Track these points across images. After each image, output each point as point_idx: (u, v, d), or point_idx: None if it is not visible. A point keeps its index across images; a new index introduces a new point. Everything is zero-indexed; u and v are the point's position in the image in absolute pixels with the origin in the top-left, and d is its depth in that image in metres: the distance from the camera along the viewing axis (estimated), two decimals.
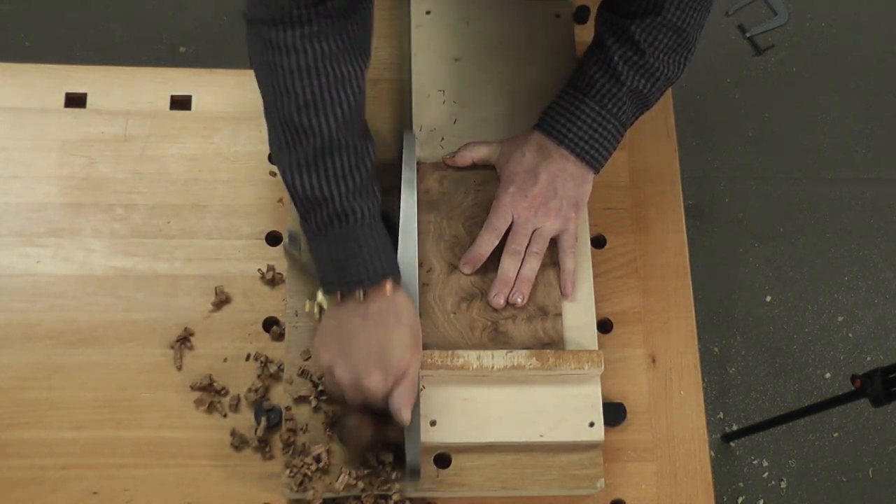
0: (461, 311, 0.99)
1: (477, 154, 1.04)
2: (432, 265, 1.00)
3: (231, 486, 0.99)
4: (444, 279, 1.00)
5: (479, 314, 0.99)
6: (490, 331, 0.98)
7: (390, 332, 0.89)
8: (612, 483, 1.01)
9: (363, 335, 0.89)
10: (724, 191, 2.22)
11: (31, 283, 1.05)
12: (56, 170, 1.10)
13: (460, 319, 0.98)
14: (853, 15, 2.42)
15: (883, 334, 2.12)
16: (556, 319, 0.99)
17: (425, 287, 0.99)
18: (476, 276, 1.00)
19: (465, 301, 0.99)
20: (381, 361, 0.89)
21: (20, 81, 1.13)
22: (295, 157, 0.90)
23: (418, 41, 1.11)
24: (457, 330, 0.98)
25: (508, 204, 0.98)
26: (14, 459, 0.98)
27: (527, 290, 0.99)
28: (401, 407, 0.90)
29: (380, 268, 0.90)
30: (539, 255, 0.99)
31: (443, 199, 1.03)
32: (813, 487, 1.99)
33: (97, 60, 1.21)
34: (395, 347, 0.89)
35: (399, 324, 0.90)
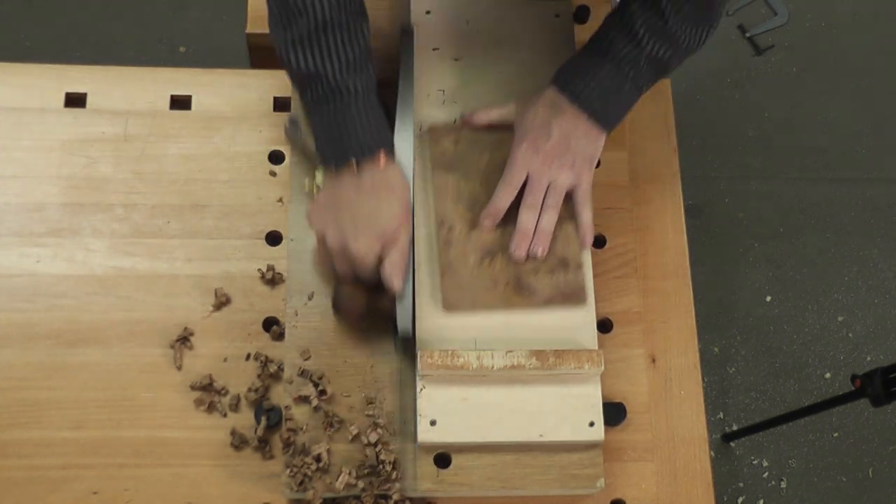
0: (484, 267, 1.00)
1: (493, 115, 1.05)
2: (452, 224, 1.02)
3: (231, 486, 0.99)
4: (464, 237, 1.01)
5: (502, 269, 1.00)
6: (513, 284, 1.00)
7: (381, 201, 0.94)
8: (612, 483, 1.01)
9: (355, 204, 0.94)
10: (724, 191, 2.22)
11: (31, 283, 1.05)
12: (56, 170, 1.10)
13: (484, 275, 1.00)
14: (853, 15, 2.42)
15: (883, 334, 2.12)
16: (577, 271, 1.01)
17: (447, 245, 1.01)
18: (496, 232, 1.02)
19: (487, 257, 1.01)
20: (368, 226, 0.93)
21: (20, 81, 1.13)
22: (290, 35, 0.93)
23: (418, 41, 1.11)
24: (481, 285, 1.00)
25: (523, 159, 0.99)
26: (14, 459, 0.98)
27: (546, 242, 1.00)
28: (392, 274, 0.94)
29: (373, 141, 0.94)
30: (555, 207, 1.00)
31: (459, 160, 1.05)
32: (813, 487, 1.99)
33: (97, 60, 1.21)
34: (383, 214, 0.94)
35: (390, 194, 0.95)
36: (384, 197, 0.94)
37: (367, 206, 0.94)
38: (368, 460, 0.96)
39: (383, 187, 0.95)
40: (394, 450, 0.97)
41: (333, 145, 0.95)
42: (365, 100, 0.95)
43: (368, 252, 0.94)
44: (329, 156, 0.96)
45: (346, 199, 0.95)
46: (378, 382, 1.00)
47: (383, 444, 0.97)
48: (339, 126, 0.94)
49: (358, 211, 0.94)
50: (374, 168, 0.95)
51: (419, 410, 0.95)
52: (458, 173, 1.04)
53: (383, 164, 0.95)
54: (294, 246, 1.05)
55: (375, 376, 1.00)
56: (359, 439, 0.97)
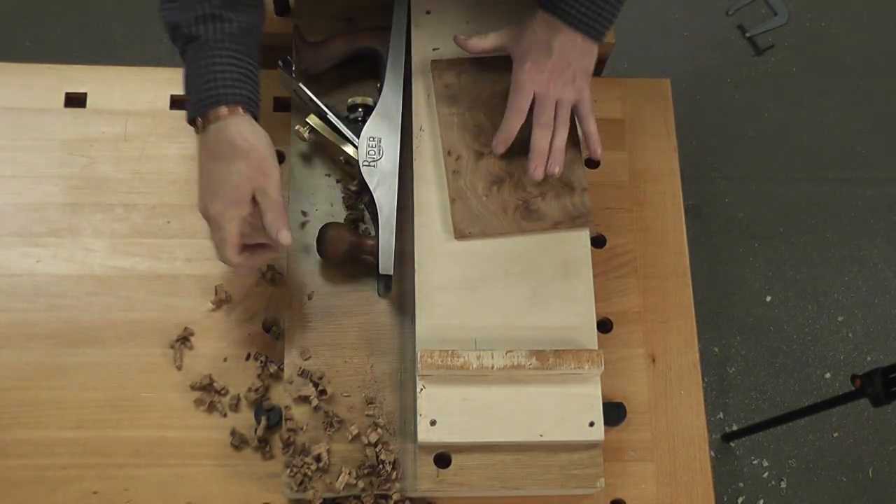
0: (493, 194, 1.03)
1: (487, 42, 1.04)
2: (460, 153, 1.04)
3: (231, 486, 0.99)
4: (472, 166, 1.04)
5: (510, 195, 1.03)
6: (522, 209, 1.02)
7: (226, 162, 0.89)
8: (612, 483, 1.01)
9: (205, 168, 0.91)
10: (724, 191, 2.22)
11: (31, 283, 1.05)
12: (56, 170, 1.10)
13: (493, 202, 1.02)
14: (853, 15, 2.42)
15: (883, 334, 2.12)
16: (584, 194, 1.03)
17: (456, 174, 1.03)
18: (503, 159, 1.04)
19: (495, 184, 1.03)
20: (219, 190, 0.89)
21: (20, 81, 1.13)
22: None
23: (418, 41, 1.11)
24: (490, 211, 1.02)
25: (529, 80, 0.99)
26: (14, 459, 0.98)
27: (562, 161, 1.00)
28: (276, 229, 0.89)
29: (213, 95, 0.89)
30: (566, 125, 1.01)
31: (462, 93, 1.07)
32: (813, 487, 1.99)
33: (97, 60, 1.21)
34: (231, 176, 0.88)
35: (234, 152, 0.89)
36: (228, 157, 0.89)
37: (215, 169, 0.89)
38: (368, 460, 0.96)
39: (227, 147, 0.89)
40: (394, 450, 0.97)
41: (192, 101, 0.91)
42: (213, 49, 0.90)
43: (224, 215, 0.89)
44: (189, 110, 0.92)
45: (200, 162, 0.91)
46: (378, 382, 1.00)
47: (383, 444, 0.97)
48: (193, 80, 0.91)
49: (208, 175, 0.90)
50: (219, 126, 0.89)
51: (419, 410, 0.95)
52: (462, 104, 1.06)
53: (224, 118, 0.89)
54: (294, 246, 1.05)
55: (375, 376, 1.00)
56: (359, 439, 0.97)
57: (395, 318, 1.03)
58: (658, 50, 2.31)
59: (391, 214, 1.01)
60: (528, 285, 1.01)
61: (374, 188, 1.02)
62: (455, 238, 1.01)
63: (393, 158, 1.03)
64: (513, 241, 1.03)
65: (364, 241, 1.02)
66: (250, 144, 0.89)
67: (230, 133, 0.89)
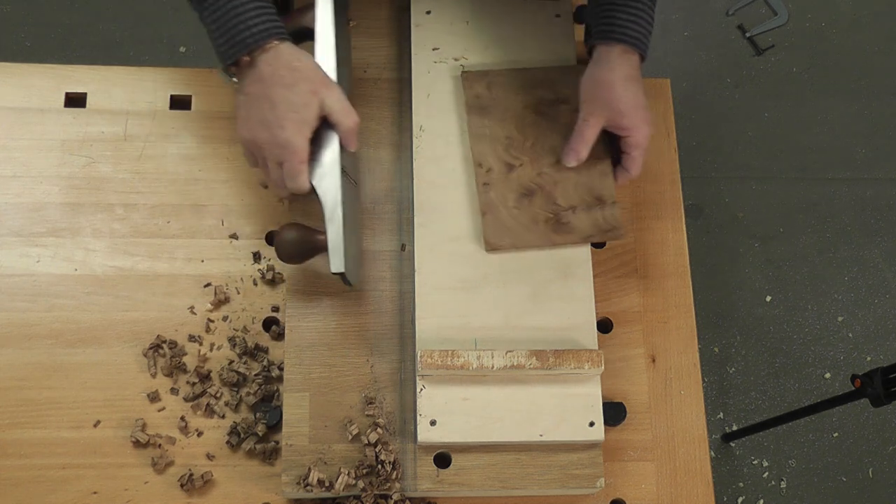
0: (523, 207, 1.03)
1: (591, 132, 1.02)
2: (490, 165, 1.04)
3: (231, 486, 0.99)
4: (503, 178, 1.04)
5: (541, 208, 1.03)
6: (553, 222, 1.02)
7: (289, 84, 0.93)
8: (612, 483, 1.01)
9: (265, 96, 0.93)
10: (724, 191, 2.22)
11: (31, 283, 1.05)
12: (56, 169, 1.10)
13: (523, 214, 1.03)
14: (853, 15, 2.42)
15: (883, 334, 2.12)
16: (614, 207, 1.04)
17: (486, 186, 1.03)
18: (532, 171, 1.04)
19: (525, 197, 1.03)
20: (289, 112, 0.93)
21: (20, 81, 1.13)
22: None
23: (418, 41, 1.11)
24: (521, 224, 1.02)
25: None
26: (14, 459, 0.98)
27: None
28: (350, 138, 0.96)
29: (258, 29, 0.92)
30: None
31: (493, 104, 1.07)
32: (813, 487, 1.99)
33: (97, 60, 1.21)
34: (297, 95, 0.93)
35: (294, 73, 0.93)
36: (289, 80, 0.93)
37: (279, 93, 0.93)
38: (368, 460, 0.96)
39: (286, 71, 0.93)
40: (394, 450, 0.97)
41: (224, 42, 0.93)
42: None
43: (297, 136, 0.93)
44: (224, 53, 0.94)
45: (256, 94, 0.94)
46: (378, 382, 1.00)
47: (383, 444, 0.97)
48: (227, 17, 0.93)
49: (272, 100, 0.93)
50: (270, 55, 0.93)
51: (419, 410, 0.95)
52: (493, 116, 1.07)
53: (275, 48, 0.93)
54: None
55: (375, 376, 1.00)
56: (359, 439, 0.97)
57: (395, 318, 1.03)
58: (658, 50, 2.31)
59: (335, 207, 0.96)
60: (528, 285, 1.01)
61: (317, 182, 0.97)
62: (487, 251, 1.01)
63: (333, 148, 0.98)
64: None
65: (315, 237, 0.98)
66: (305, 65, 0.94)
67: (285, 59, 0.93)
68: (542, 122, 1.06)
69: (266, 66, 0.93)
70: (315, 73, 0.95)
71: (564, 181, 1.04)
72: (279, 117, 0.93)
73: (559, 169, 1.04)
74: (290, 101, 0.93)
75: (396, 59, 1.14)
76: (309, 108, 0.93)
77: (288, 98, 0.93)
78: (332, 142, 0.98)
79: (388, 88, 1.12)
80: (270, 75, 0.93)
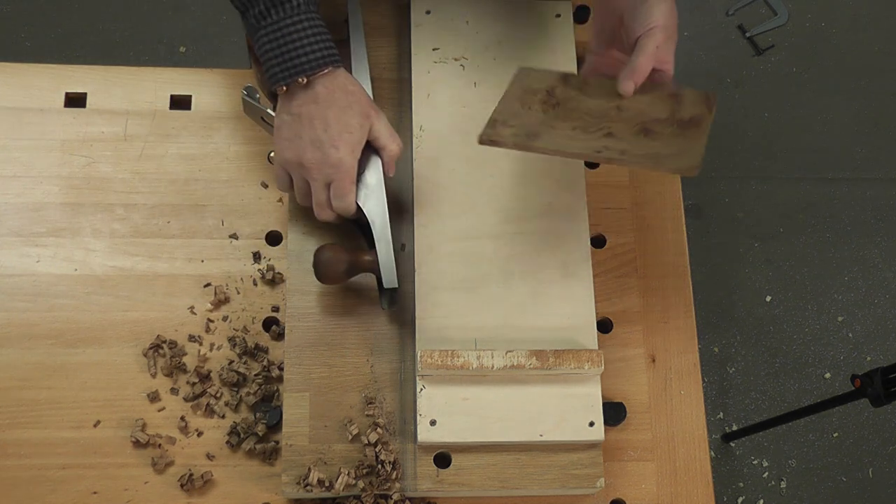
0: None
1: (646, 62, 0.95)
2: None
3: (231, 486, 0.99)
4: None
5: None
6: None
7: (344, 106, 0.95)
8: (612, 483, 1.01)
9: (319, 116, 0.94)
10: (724, 191, 2.22)
11: (31, 283, 1.05)
12: (56, 169, 1.10)
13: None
14: (853, 15, 2.42)
15: (883, 334, 2.12)
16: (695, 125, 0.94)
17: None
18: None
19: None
20: (343, 132, 0.94)
21: (20, 81, 1.13)
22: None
23: (418, 41, 1.11)
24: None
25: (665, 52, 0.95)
26: (14, 459, 0.98)
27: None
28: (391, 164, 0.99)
29: (321, 54, 0.94)
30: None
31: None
32: (813, 487, 1.99)
33: (97, 60, 1.21)
34: (353, 117, 0.95)
35: (349, 96, 0.95)
36: (343, 103, 0.95)
37: (334, 114, 0.95)
38: (368, 460, 0.96)
39: (341, 92, 0.95)
40: (394, 450, 0.97)
41: (282, 63, 0.94)
42: (307, 12, 0.94)
43: (349, 156, 0.95)
44: (277, 74, 0.95)
45: (308, 114, 0.95)
46: (378, 382, 1.00)
47: (383, 444, 0.97)
48: (285, 41, 0.93)
49: (327, 121, 0.94)
50: (327, 80, 0.95)
51: (419, 410, 0.95)
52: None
53: (333, 73, 0.95)
54: (294, 246, 1.05)
55: (375, 376, 1.00)
56: (359, 439, 0.97)
57: (395, 318, 1.03)
58: None
59: (385, 227, 0.98)
60: (528, 285, 1.01)
61: (363, 203, 0.99)
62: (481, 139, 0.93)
63: (377, 170, 1.00)
64: (513, 241, 1.03)
65: (361, 258, 0.99)
66: (358, 90, 0.97)
67: (341, 82, 0.95)
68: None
69: (322, 89, 0.94)
70: (366, 99, 0.97)
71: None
72: (333, 137, 0.94)
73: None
74: (344, 123, 0.95)
75: (396, 59, 1.14)
76: (361, 130, 0.96)
77: (343, 119, 0.95)
78: (376, 164, 1.00)
79: (388, 88, 1.12)
80: (326, 97, 0.94)
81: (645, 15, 0.94)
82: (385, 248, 0.98)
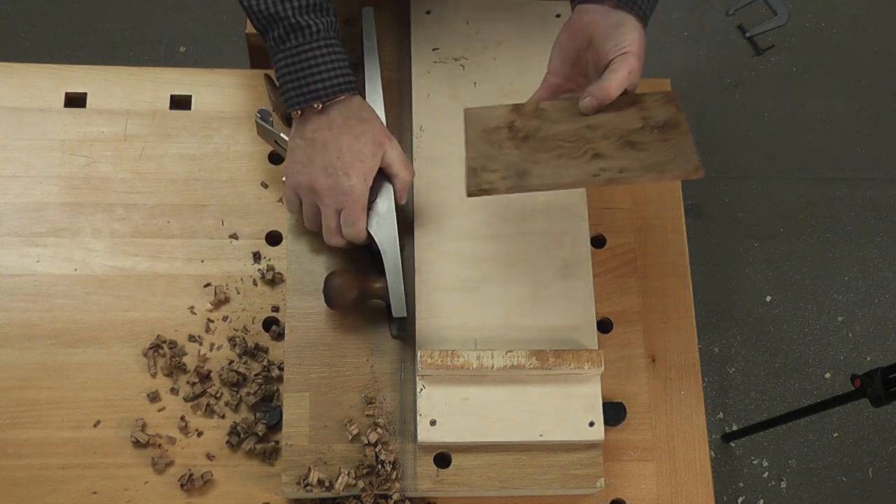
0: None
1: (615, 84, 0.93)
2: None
3: (231, 486, 0.99)
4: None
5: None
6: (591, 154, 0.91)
7: (358, 134, 0.95)
8: (612, 483, 1.01)
9: (333, 142, 0.95)
10: (724, 191, 2.22)
11: (31, 283, 1.05)
12: (56, 169, 1.10)
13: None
14: (853, 15, 2.42)
15: (883, 334, 2.12)
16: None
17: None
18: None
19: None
20: (355, 160, 0.95)
21: (20, 81, 1.13)
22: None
23: (418, 41, 1.11)
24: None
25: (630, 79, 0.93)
26: (14, 459, 0.98)
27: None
28: (405, 191, 1.00)
29: (337, 79, 0.94)
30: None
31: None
32: (813, 487, 1.99)
33: (97, 60, 1.21)
34: (366, 145, 0.95)
35: (363, 123, 0.96)
36: (357, 130, 0.95)
37: (347, 142, 0.95)
38: (368, 460, 0.96)
39: (355, 120, 0.95)
40: (394, 450, 0.97)
41: (298, 87, 0.94)
42: (326, 38, 0.94)
43: (361, 184, 0.95)
44: (292, 98, 0.95)
45: (322, 140, 0.95)
46: (378, 382, 1.00)
47: (383, 444, 0.97)
48: (302, 66, 0.94)
49: (340, 148, 0.95)
50: (343, 106, 0.95)
51: (419, 410, 0.95)
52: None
53: (349, 100, 0.95)
54: (294, 246, 1.05)
55: (375, 376, 1.00)
56: (359, 439, 0.97)
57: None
58: (658, 50, 2.31)
59: (395, 256, 0.98)
60: (528, 285, 1.01)
61: (375, 231, 0.99)
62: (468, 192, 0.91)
63: (389, 198, 1.00)
64: (513, 241, 1.03)
65: (372, 286, 0.99)
66: (373, 117, 0.97)
67: (356, 110, 0.96)
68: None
69: (337, 115, 0.95)
70: (380, 127, 0.97)
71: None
72: (345, 164, 0.94)
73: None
74: (357, 151, 0.95)
75: (396, 59, 1.14)
76: (374, 159, 0.96)
77: (356, 147, 0.95)
78: (388, 192, 1.00)
79: (388, 89, 1.12)
80: (341, 124, 0.95)
81: (619, 38, 0.92)
82: (395, 277, 0.98)
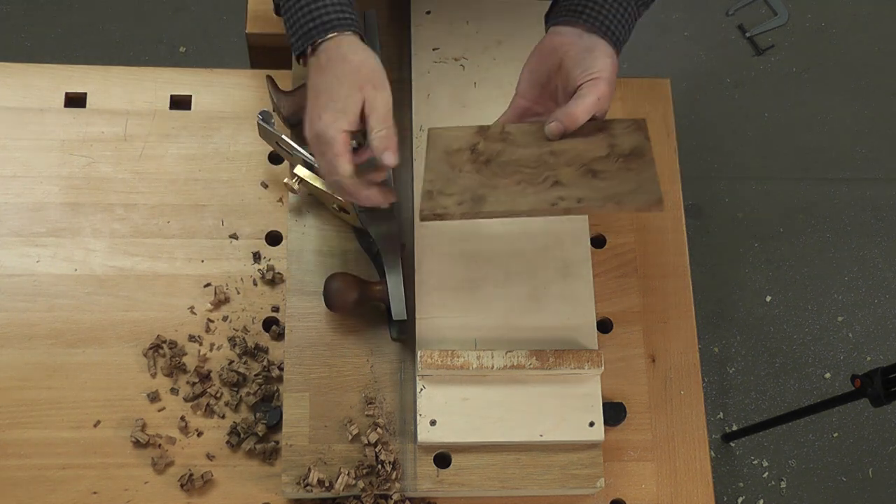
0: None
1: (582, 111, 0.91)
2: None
3: (231, 486, 0.99)
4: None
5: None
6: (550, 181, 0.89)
7: (336, 75, 0.90)
8: (612, 483, 1.01)
9: (314, 85, 0.91)
10: (724, 191, 2.22)
11: (31, 283, 1.05)
12: (56, 169, 1.10)
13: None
14: (853, 15, 2.42)
15: (883, 334, 2.12)
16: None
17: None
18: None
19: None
20: (328, 102, 0.89)
21: (20, 81, 1.13)
22: None
23: (418, 41, 1.11)
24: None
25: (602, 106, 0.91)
26: (14, 459, 0.98)
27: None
28: (382, 149, 0.89)
29: (328, 19, 0.91)
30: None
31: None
32: (813, 487, 1.99)
33: (97, 60, 1.21)
34: (340, 86, 0.89)
35: (345, 63, 0.90)
36: (339, 71, 0.90)
37: (324, 82, 0.90)
38: (368, 460, 0.96)
39: (338, 61, 0.90)
40: (394, 450, 0.97)
41: (295, 33, 0.93)
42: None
43: (332, 126, 0.88)
44: (295, 45, 0.93)
45: (313, 86, 0.91)
46: (378, 382, 1.00)
47: (383, 444, 0.97)
48: (300, 9, 0.92)
49: (316, 91, 0.91)
50: (330, 44, 0.91)
51: (419, 410, 0.95)
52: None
53: (337, 40, 0.91)
54: (294, 246, 1.05)
55: (375, 376, 1.00)
56: (359, 439, 0.97)
57: None
58: (658, 50, 2.31)
59: (396, 258, 0.98)
60: (528, 285, 1.01)
61: (373, 229, 0.99)
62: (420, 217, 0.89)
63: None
64: (513, 241, 1.03)
65: (372, 288, 0.99)
66: (360, 59, 0.90)
67: (342, 49, 0.91)
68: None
69: (324, 56, 0.91)
70: (367, 69, 0.90)
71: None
72: (318, 106, 0.90)
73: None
74: (331, 91, 0.89)
75: (396, 59, 1.14)
76: (349, 100, 0.89)
77: (331, 88, 0.89)
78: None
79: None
80: (324, 66, 0.90)
81: (590, 63, 0.91)
82: (395, 280, 0.97)
